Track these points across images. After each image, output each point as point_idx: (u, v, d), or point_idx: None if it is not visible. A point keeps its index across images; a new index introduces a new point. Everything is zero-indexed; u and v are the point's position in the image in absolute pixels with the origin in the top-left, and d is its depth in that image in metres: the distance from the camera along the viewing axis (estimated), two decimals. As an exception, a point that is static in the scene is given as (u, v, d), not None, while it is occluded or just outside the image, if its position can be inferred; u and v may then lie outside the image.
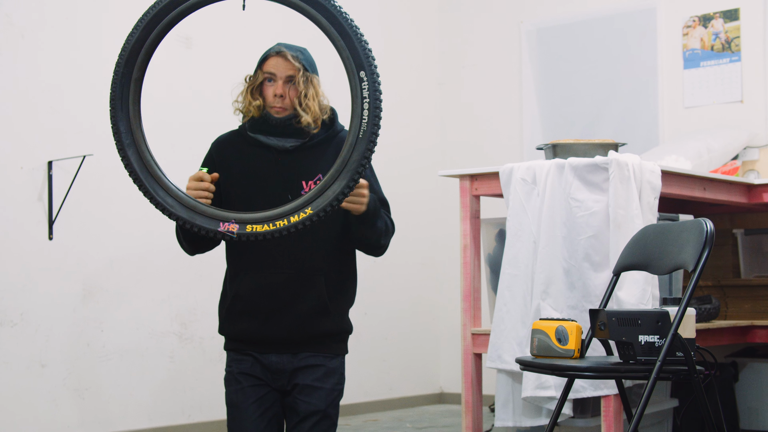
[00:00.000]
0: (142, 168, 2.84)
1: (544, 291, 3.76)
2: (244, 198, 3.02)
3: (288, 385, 3.04)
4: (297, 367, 3.02)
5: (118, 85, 2.83)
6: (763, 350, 5.09)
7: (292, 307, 2.99)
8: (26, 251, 4.60)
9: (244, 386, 3.03)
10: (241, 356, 3.05)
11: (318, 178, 2.99)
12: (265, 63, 3.03)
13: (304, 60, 3.04)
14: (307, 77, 3.02)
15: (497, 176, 4.05)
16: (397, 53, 6.50)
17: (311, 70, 3.05)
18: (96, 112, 4.77)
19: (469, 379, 4.14)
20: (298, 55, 3.03)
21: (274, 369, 3.03)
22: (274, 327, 3.00)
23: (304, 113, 2.99)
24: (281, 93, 2.99)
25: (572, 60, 6.21)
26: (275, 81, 3.01)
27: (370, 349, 6.15)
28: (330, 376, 3.04)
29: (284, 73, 3.01)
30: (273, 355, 3.02)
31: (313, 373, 3.02)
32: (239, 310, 3.04)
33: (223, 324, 3.11)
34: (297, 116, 3.00)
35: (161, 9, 2.81)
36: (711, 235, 2.83)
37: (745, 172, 5.29)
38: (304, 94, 3.00)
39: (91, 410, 4.78)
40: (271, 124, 3.03)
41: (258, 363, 3.03)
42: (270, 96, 3.02)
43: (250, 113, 3.05)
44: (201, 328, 5.21)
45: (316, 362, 3.03)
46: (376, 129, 2.75)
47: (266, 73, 3.02)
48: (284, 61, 3.01)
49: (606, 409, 3.72)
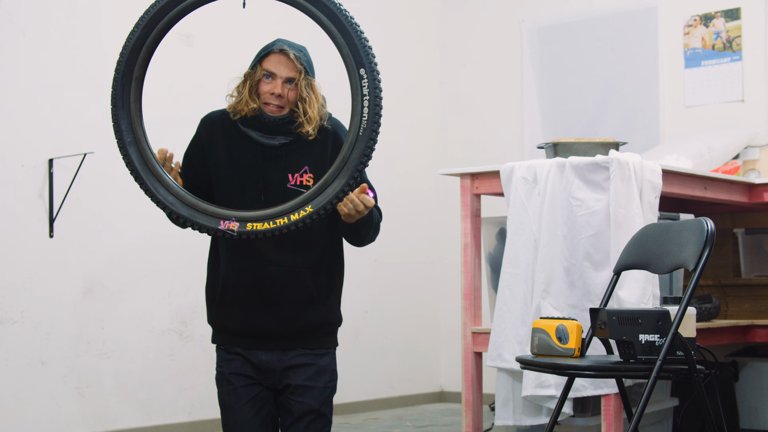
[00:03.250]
0: (143, 166, 2.84)
1: (544, 290, 3.76)
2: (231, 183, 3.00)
3: (279, 384, 3.03)
4: (288, 366, 3.02)
5: (119, 84, 2.83)
6: (764, 350, 5.09)
7: (280, 299, 2.99)
8: (27, 249, 4.61)
9: (236, 387, 3.02)
10: (230, 355, 3.05)
11: (304, 170, 2.98)
12: (266, 60, 2.98)
13: (305, 61, 2.99)
14: (308, 81, 2.97)
15: (498, 175, 4.05)
16: (397, 51, 6.49)
17: (311, 72, 3.01)
18: (97, 109, 4.77)
19: (469, 378, 4.14)
20: (299, 55, 2.98)
21: (264, 368, 3.02)
22: (262, 319, 2.99)
23: (307, 123, 2.95)
24: (280, 93, 2.95)
25: (573, 59, 6.21)
26: (274, 79, 2.96)
27: (371, 348, 6.15)
28: (321, 374, 3.04)
29: (285, 74, 2.96)
30: (262, 353, 3.02)
31: (304, 372, 3.02)
32: (227, 299, 3.04)
33: (211, 316, 3.11)
34: (295, 122, 2.97)
35: (162, 7, 2.81)
36: (711, 235, 2.83)
37: (746, 171, 5.29)
38: (307, 101, 2.95)
39: (91, 408, 4.78)
40: (264, 122, 2.99)
41: (248, 362, 3.03)
42: (266, 93, 2.97)
43: (243, 113, 2.99)
44: (201, 325, 5.20)
45: (307, 361, 3.03)
46: (377, 127, 2.75)
47: (265, 71, 2.97)
48: (286, 60, 2.96)
49: (606, 408, 3.72)
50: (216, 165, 3.03)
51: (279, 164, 2.98)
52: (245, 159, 3.00)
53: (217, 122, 3.06)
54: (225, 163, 3.02)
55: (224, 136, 3.03)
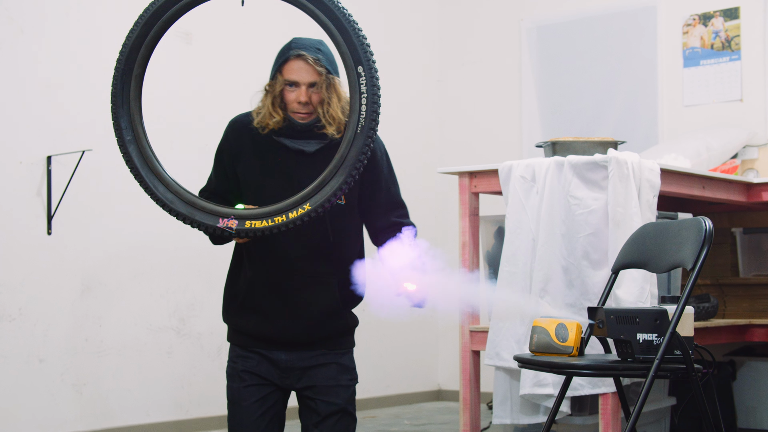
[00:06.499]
0: (143, 164, 2.84)
1: (542, 289, 3.76)
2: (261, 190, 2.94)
3: (298, 383, 3.01)
4: (309, 366, 3.00)
5: (119, 82, 2.83)
6: (761, 349, 5.09)
7: (305, 311, 2.96)
8: (25, 246, 4.60)
9: (247, 384, 3.00)
10: (246, 352, 3.02)
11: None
12: (285, 68, 2.89)
13: (326, 61, 2.90)
14: (329, 81, 2.89)
15: (496, 173, 4.05)
16: (396, 50, 6.49)
17: (333, 70, 2.91)
18: (95, 107, 4.77)
19: (467, 377, 4.14)
20: (319, 57, 2.88)
21: (283, 366, 3.00)
22: (286, 328, 2.96)
23: (329, 124, 2.88)
24: (305, 100, 2.88)
25: (572, 58, 6.21)
26: (298, 87, 2.88)
27: (368, 346, 6.15)
28: (344, 372, 3.03)
29: (307, 79, 2.88)
30: (282, 352, 2.99)
31: (327, 371, 3.00)
32: (249, 307, 3.00)
33: (230, 316, 3.07)
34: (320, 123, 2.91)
35: (162, 5, 2.81)
36: (710, 234, 2.83)
37: (744, 170, 5.29)
38: (328, 102, 2.88)
39: (89, 405, 4.78)
40: (295, 129, 2.92)
41: (265, 360, 3.00)
42: (293, 102, 2.89)
43: (270, 126, 2.91)
44: (199, 323, 5.21)
45: (328, 360, 3.01)
46: (374, 125, 2.75)
47: (287, 80, 2.89)
48: (305, 65, 2.87)
49: (604, 407, 3.72)
50: (245, 172, 2.98)
51: (311, 172, 2.86)
52: (276, 165, 2.94)
53: (245, 126, 2.98)
54: (255, 170, 2.96)
55: (253, 142, 2.97)
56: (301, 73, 2.88)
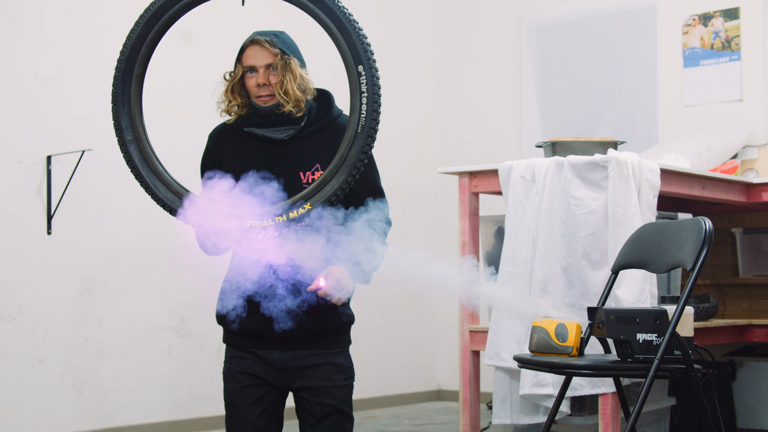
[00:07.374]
0: (143, 164, 2.84)
1: (542, 289, 3.76)
2: None
3: (293, 383, 3.01)
4: (303, 366, 2.99)
5: (119, 82, 2.83)
6: (761, 349, 5.09)
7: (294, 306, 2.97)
8: (25, 246, 4.60)
9: (243, 385, 3.00)
10: (241, 352, 3.02)
11: (316, 167, 2.97)
12: (243, 55, 2.97)
13: (281, 43, 2.96)
14: (285, 61, 2.94)
15: (496, 173, 4.05)
16: (396, 49, 6.50)
17: (290, 52, 2.97)
18: (95, 107, 4.77)
19: (466, 377, 4.14)
20: (273, 39, 2.95)
21: (278, 366, 3.00)
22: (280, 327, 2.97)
23: (285, 102, 2.92)
24: (264, 81, 2.93)
25: (572, 58, 6.21)
26: (256, 71, 2.95)
27: (368, 346, 6.16)
28: (339, 372, 3.02)
29: (263, 62, 2.94)
30: (276, 351, 3.00)
31: (321, 372, 2.99)
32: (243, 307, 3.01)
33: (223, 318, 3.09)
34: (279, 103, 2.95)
35: (162, 5, 2.81)
36: (709, 234, 2.83)
37: (744, 171, 5.29)
38: (282, 79, 2.93)
39: (89, 405, 4.78)
40: (261, 115, 2.97)
41: (260, 360, 3.00)
42: (253, 86, 2.95)
43: (232, 114, 2.98)
44: (199, 323, 5.21)
45: (323, 360, 3.01)
46: (375, 124, 2.75)
47: (246, 66, 2.96)
48: (261, 48, 2.94)
49: (603, 407, 3.72)
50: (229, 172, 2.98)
51: (290, 162, 2.95)
52: (255, 159, 2.97)
53: (222, 132, 3.06)
54: (236, 167, 2.97)
55: (230, 142, 3.02)
56: (257, 57, 2.95)
